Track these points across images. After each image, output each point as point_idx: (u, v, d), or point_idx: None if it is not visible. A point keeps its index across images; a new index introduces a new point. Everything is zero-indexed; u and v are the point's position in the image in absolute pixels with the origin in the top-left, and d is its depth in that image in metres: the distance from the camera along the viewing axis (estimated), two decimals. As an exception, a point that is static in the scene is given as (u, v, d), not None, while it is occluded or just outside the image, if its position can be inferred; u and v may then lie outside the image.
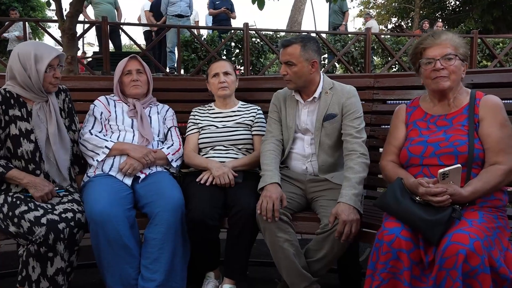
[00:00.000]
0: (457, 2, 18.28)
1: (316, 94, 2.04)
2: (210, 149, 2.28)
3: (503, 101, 1.93)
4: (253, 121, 2.34)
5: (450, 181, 1.53)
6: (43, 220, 1.74)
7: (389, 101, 2.41)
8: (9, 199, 1.85)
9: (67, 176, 2.02)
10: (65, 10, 3.96)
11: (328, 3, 9.90)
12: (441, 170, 1.52)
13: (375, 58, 9.97)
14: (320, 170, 2.04)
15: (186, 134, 2.36)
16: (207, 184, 2.07)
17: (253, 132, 2.33)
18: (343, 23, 8.62)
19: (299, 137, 2.10)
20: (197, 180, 2.09)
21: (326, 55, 8.68)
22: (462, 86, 1.74)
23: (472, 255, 1.36)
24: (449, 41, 1.67)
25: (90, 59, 8.54)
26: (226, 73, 2.30)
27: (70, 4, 3.83)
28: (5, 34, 7.43)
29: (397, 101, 2.38)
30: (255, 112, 2.37)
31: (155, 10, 7.80)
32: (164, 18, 7.59)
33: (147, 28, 8.10)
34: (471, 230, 1.43)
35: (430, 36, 1.72)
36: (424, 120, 1.78)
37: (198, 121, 2.35)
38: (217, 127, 2.30)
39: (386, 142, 1.88)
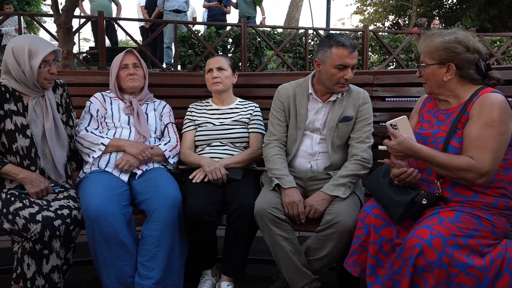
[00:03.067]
0: (454, 0, 18.30)
1: (339, 95, 2.02)
2: (207, 146, 2.26)
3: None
4: (250, 118, 2.32)
5: (402, 134, 1.62)
6: (39, 217, 1.71)
7: (388, 98, 2.39)
8: (4, 195, 1.82)
9: (63, 172, 1.99)
10: (61, 4, 3.92)
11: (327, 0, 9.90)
12: (388, 122, 1.64)
13: (372, 55, 9.96)
14: (327, 168, 2.03)
15: (183, 131, 2.34)
16: (198, 181, 2.06)
17: (250, 130, 2.31)
18: (263, 16, 8.48)
19: (307, 135, 2.07)
20: (190, 177, 2.08)
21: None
22: (465, 83, 1.67)
23: (428, 250, 1.43)
24: (425, 49, 1.71)
25: (85, 54, 8.48)
26: (220, 69, 2.28)
27: (66, -2, 3.80)
28: (2, 29, 7.36)
29: (397, 98, 2.37)
30: (252, 110, 2.34)
31: (149, 5, 7.77)
32: (156, 11, 7.56)
33: (143, 24, 8.05)
34: (436, 227, 1.48)
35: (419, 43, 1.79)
36: (430, 112, 1.78)
37: (195, 118, 2.33)
38: (214, 124, 2.28)
39: None
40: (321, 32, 8.30)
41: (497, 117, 1.53)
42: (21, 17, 7.26)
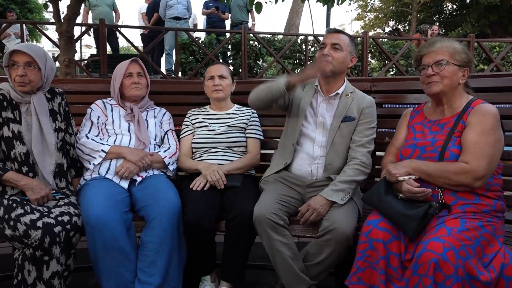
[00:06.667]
0: (454, 6, 18.37)
1: (340, 91, 2.07)
2: (205, 152, 2.28)
3: (499, 106, 1.93)
4: (247, 123, 2.34)
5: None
6: (39, 224, 1.73)
7: (385, 105, 2.41)
8: (5, 201, 1.84)
9: (51, 179, 1.96)
10: (63, 13, 3.96)
11: (326, 7, 9.94)
12: (401, 178, 1.66)
13: (372, 61, 9.99)
14: (325, 170, 2.04)
15: (181, 136, 2.36)
16: (199, 189, 2.07)
17: (247, 135, 2.33)
18: (253, 22, 8.51)
19: (309, 137, 2.09)
20: (190, 186, 2.09)
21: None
22: (463, 92, 1.76)
23: (444, 264, 1.41)
24: (444, 48, 1.72)
25: (86, 61, 8.56)
26: (221, 77, 2.32)
27: (68, 6, 3.84)
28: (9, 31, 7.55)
29: (394, 105, 2.39)
30: (250, 115, 2.37)
31: (151, 13, 7.84)
32: (154, 17, 7.65)
33: (144, 31, 8.12)
34: (447, 239, 1.46)
35: (427, 44, 1.78)
36: (421, 124, 1.82)
37: (192, 123, 2.35)
38: (211, 130, 2.30)
39: (390, 143, 1.96)
40: (321, 38, 8.35)
41: (492, 125, 1.62)
42: (23, 25, 7.34)
